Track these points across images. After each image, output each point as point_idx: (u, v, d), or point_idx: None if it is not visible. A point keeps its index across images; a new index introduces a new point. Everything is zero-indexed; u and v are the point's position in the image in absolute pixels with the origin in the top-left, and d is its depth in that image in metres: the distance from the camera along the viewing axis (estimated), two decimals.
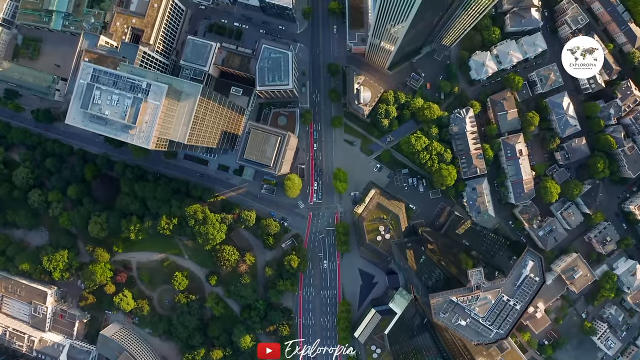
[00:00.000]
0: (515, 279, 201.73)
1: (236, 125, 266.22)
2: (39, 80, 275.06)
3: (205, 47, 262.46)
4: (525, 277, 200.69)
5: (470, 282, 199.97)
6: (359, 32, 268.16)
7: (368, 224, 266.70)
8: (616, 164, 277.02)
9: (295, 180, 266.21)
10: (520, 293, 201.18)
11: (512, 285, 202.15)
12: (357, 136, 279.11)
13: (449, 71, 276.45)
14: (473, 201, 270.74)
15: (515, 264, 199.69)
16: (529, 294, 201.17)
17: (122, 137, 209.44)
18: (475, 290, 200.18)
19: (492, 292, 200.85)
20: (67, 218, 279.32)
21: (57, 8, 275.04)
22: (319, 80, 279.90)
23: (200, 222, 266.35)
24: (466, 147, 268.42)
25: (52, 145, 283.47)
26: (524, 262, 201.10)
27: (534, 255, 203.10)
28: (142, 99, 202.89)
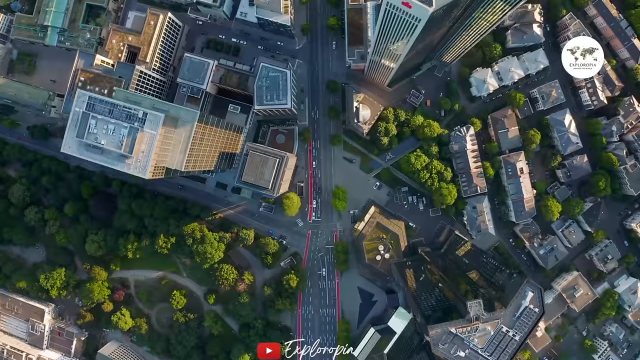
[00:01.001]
0: (514, 310, 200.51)
1: (234, 144, 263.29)
2: (35, 97, 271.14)
3: (202, 64, 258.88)
4: (525, 308, 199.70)
5: (470, 313, 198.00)
6: (358, 49, 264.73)
7: (367, 243, 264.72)
8: (618, 181, 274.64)
9: (294, 199, 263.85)
10: (520, 324, 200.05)
11: (511, 316, 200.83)
12: (356, 154, 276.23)
13: (449, 88, 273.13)
14: (473, 220, 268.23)
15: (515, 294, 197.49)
16: (528, 325, 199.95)
17: (118, 167, 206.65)
18: (475, 322, 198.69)
19: (491, 323, 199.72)
20: (64, 236, 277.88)
21: (52, 24, 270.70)
22: (318, 97, 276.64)
23: (198, 241, 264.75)
24: (467, 165, 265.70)
25: (48, 163, 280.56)
26: (524, 293, 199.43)
27: (533, 286, 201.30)
28: (138, 128, 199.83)
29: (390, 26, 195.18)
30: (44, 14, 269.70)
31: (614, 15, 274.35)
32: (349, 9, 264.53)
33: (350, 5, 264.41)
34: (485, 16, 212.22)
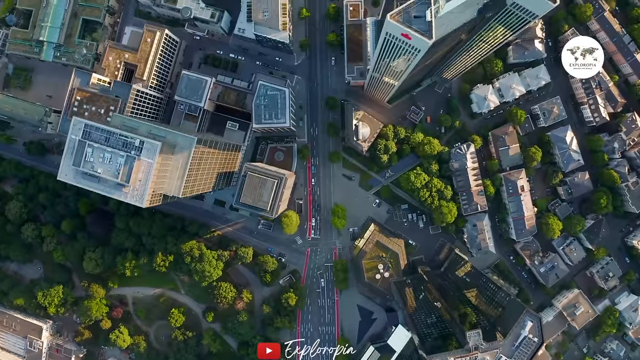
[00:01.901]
0: (513, 339, 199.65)
1: (232, 162, 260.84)
2: (31, 113, 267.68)
3: (200, 82, 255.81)
4: (524, 337, 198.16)
5: (469, 343, 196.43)
6: (357, 65, 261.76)
7: (367, 262, 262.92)
8: (619, 198, 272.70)
9: (292, 218, 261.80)
10: (519, 354, 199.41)
11: (510, 345, 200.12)
12: (355, 171, 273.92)
13: (450, 105, 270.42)
14: (474, 238, 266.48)
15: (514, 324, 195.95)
16: (527, 355, 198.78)
17: (115, 195, 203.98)
18: (474, 352, 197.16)
19: (491, 352, 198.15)
20: (61, 253, 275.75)
21: (48, 39, 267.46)
22: (317, 113, 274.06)
23: (197, 259, 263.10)
24: (467, 183, 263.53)
25: (45, 179, 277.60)
26: (523, 323, 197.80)
27: (532, 316, 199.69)
28: (135, 157, 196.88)
29: (390, 52, 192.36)
30: (39, 29, 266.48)
31: (616, 30, 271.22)
32: (348, 25, 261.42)
33: (349, 21, 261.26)
34: (486, 39, 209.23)
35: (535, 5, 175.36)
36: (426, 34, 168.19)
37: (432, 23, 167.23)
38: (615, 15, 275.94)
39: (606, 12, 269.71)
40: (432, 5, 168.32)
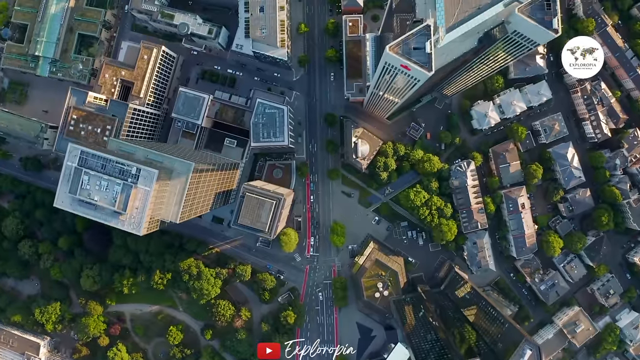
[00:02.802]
0: None
1: (230, 181, 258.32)
2: (27, 129, 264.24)
3: (197, 99, 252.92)
4: None
5: None
6: (356, 82, 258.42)
7: (366, 281, 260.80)
8: (621, 215, 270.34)
9: (291, 236, 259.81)
10: None
11: None
12: (355, 188, 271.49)
13: (450, 121, 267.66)
14: (474, 256, 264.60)
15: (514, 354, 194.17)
16: None
17: (112, 223, 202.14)
18: None
19: None
20: (58, 270, 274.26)
21: (44, 54, 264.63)
22: (316, 130, 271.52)
23: (195, 277, 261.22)
24: (467, 201, 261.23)
25: (42, 195, 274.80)
26: (522, 352, 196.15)
27: (531, 344, 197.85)
28: (132, 185, 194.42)
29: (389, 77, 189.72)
30: (34, 44, 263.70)
31: (619, 45, 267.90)
32: (347, 40, 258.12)
33: (348, 37, 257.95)
34: (488, 62, 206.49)
35: (536, 34, 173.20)
36: (425, 66, 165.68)
37: (431, 55, 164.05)
38: (617, 29, 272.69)
39: (609, 27, 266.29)
40: (432, 36, 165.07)
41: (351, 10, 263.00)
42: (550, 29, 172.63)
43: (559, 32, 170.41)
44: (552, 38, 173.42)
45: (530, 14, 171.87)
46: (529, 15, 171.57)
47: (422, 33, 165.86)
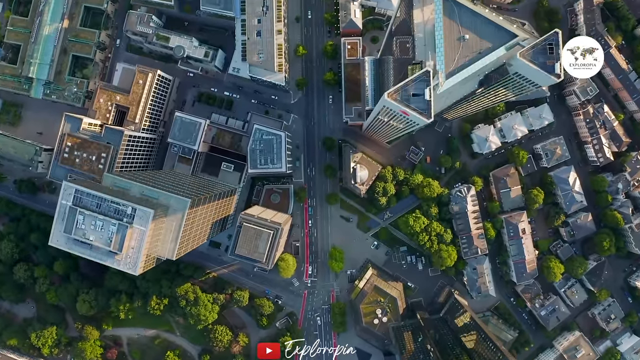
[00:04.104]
0: None
1: (227, 207, 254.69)
2: (21, 152, 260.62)
3: (193, 125, 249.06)
4: None
5: None
6: (355, 106, 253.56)
7: (365, 307, 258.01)
8: (623, 239, 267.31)
9: (289, 261, 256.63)
10: None
11: None
12: (353, 212, 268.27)
13: (450, 145, 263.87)
14: (474, 281, 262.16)
15: None
16: None
17: (107, 263, 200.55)
18: None
19: None
20: (54, 294, 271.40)
21: (37, 76, 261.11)
22: (314, 153, 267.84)
23: (192, 303, 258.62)
24: (467, 227, 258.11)
25: (37, 218, 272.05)
26: None
27: None
28: (127, 225, 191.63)
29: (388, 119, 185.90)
30: (28, 65, 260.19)
31: (622, 67, 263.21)
32: (345, 63, 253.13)
33: (347, 60, 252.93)
34: (488, 97, 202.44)
35: (538, 78, 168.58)
36: (425, 113, 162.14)
37: (430, 102, 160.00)
38: (621, 50, 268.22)
39: (612, 49, 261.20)
40: (431, 82, 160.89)
41: (350, 32, 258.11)
42: (552, 73, 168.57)
43: (561, 77, 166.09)
44: (554, 82, 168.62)
45: (532, 58, 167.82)
46: (531, 60, 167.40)
47: (422, 79, 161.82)
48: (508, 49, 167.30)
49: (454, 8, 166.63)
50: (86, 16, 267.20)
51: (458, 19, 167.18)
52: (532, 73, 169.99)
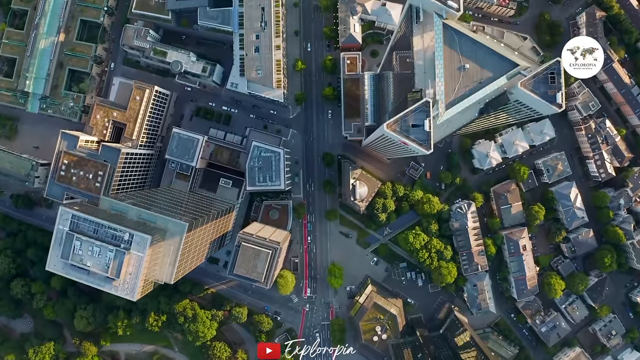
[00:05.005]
0: None
1: (225, 224, 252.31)
2: (17, 167, 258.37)
3: (191, 141, 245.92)
4: None
5: None
6: (355, 122, 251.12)
7: (364, 324, 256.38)
8: (624, 255, 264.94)
9: (288, 278, 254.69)
10: None
11: None
12: (353, 228, 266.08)
13: (450, 160, 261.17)
14: (474, 298, 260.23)
15: None
16: None
17: (105, 288, 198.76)
18: None
19: None
20: (52, 310, 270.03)
21: (33, 90, 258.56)
22: (313, 169, 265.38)
23: (190, 319, 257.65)
24: (467, 243, 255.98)
25: (33, 234, 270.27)
26: None
27: None
28: (124, 251, 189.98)
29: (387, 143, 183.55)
30: (24, 79, 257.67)
31: (625, 82, 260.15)
32: (345, 79, 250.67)
33: (346, 75, 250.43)
34: (489, 120, 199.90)
35: (539, 106, 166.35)
36: (424, 144, 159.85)
37: (430, 133, 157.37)
38: (623, 63, 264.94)
39: (614, 63, 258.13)
40: (431, 113, 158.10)
41: (349, 46, 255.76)
42: (553, 103, 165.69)
43: (563, 107, 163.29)
44: (556, 112, 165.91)
45: (533, 87, 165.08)
46: (532, 89, 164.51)
47: (421, 110, 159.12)
48: (509, 78, 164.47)
49: (454, 37, 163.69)
50: (82, 30, 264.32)
51: (459, 48, 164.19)
52: (533, 102, 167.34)
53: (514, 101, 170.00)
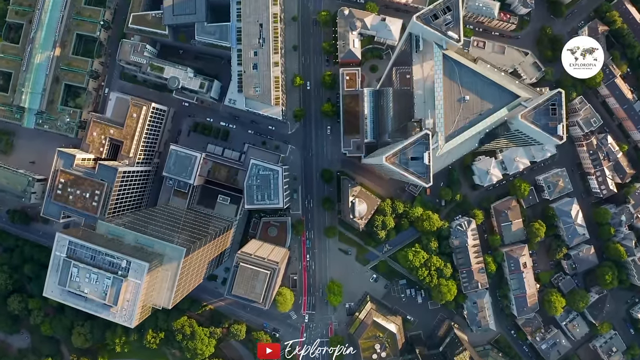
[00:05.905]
0: None
1: (224, 242, 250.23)
2: (13, 183, 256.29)
3: (189, 158, 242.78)
4: None
5: None
6: (354, 138, 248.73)
7: (363, 342, 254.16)
8: (625, 272, 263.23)
9: (287, 296, 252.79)
10: None
11: None
12: (352, 245, 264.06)
13: (450, 177, 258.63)
14: (474, 315, 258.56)
15: None
16: None
17: (103, 315, 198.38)
18: None
19: None
20: (49, 326, 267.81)
21: (29, 105, 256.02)
22: (312, 185, 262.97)
23: (188, 337, 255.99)
24: (467, 261, 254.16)
25: (30, 249, 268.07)
26: None
27: None
28: (122, 279, 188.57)
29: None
30: (19, 94, 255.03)
31: (627, 97, 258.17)
32: (344, 95, 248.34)
33: (345, 91, 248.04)
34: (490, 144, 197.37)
35: (540, 137, 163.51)
36: (423, 177, 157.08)
37: (430, 167, 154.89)
38: (626, 78, 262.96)
39: (617, 78, 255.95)
40: (431, 145, 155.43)
41: (348, 62, 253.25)
42: (554, 135, 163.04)
43: (564, 139, 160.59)
44: (557, 143, 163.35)
45: (534, 119, 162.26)
46: (533, 121, 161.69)
47: (420, 142, 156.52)
48: (510, 109, 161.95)
49: (454, 68, 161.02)
50: (78, 44, 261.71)
51: (459, 79, 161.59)
52: (534, 133, 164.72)
53: (515, 130, 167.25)
